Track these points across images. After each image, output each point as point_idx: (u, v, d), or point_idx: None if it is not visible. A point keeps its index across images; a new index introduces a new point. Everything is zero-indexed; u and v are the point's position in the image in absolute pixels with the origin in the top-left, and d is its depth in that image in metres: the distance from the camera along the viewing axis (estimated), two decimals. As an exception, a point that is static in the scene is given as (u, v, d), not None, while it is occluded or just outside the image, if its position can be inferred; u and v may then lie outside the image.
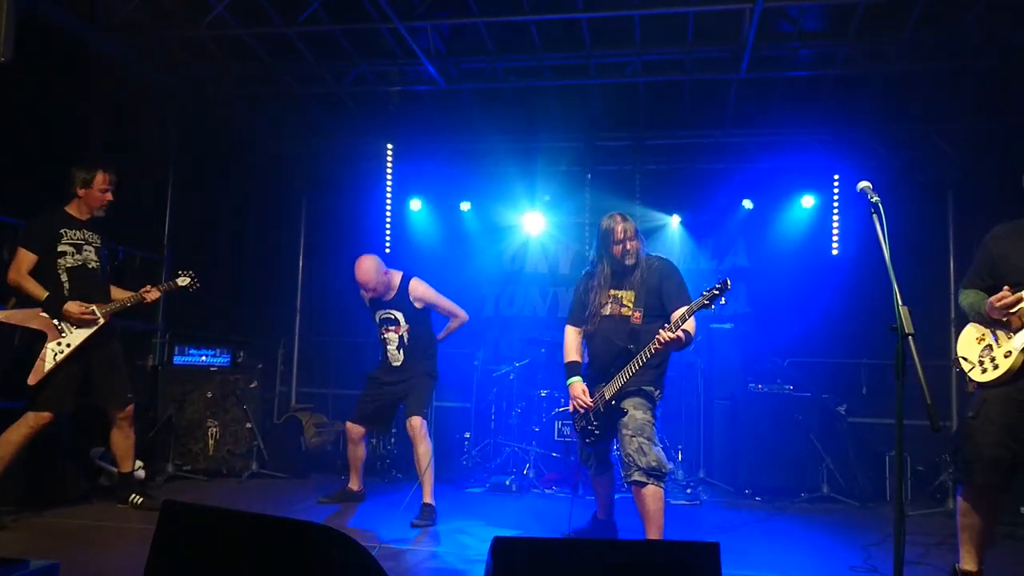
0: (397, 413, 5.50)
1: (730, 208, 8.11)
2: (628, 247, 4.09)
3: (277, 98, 7.44)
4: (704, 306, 3.61)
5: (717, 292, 3.57)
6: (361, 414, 5.42)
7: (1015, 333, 3.27)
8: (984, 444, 3.26)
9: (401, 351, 5.28)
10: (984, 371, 3.37)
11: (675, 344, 3.72)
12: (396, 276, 5.30)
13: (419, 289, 5.26)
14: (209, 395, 6.62)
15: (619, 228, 4.09)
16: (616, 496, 4.63)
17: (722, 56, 6.37)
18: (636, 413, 3.88)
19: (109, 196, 4.84)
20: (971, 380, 3.46)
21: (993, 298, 3.29)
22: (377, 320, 5.34)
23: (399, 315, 5.26)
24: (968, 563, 3.36)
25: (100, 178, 4.80)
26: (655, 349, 3.75)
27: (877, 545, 4.69)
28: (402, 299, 5.25)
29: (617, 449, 4.00)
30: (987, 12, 5.49)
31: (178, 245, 7.16)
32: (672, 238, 8.28)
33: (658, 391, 4.05)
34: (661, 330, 3.71)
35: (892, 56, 6.15)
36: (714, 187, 8.12)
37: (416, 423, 5.10)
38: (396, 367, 5.30)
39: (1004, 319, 3.28)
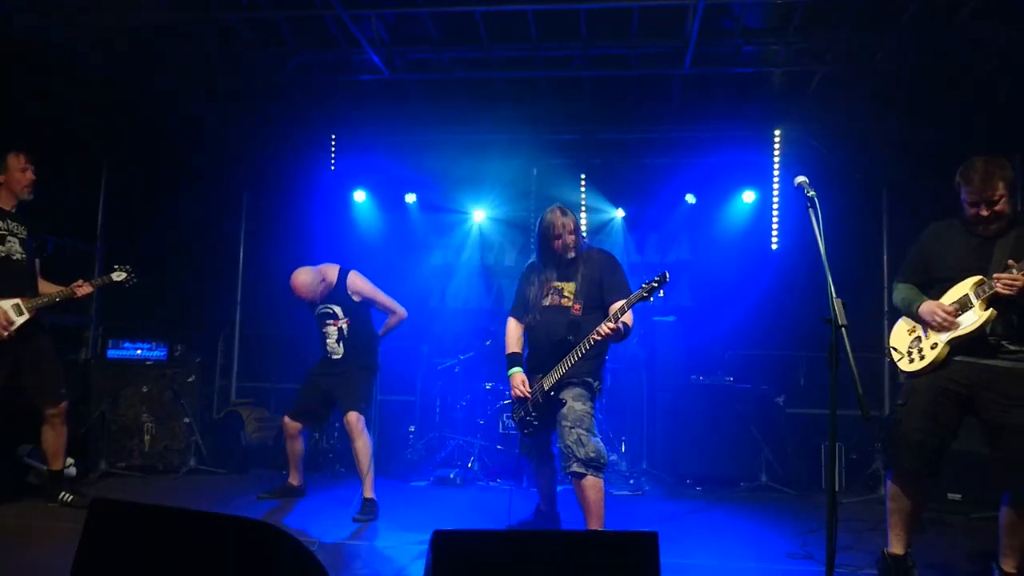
0: (334, 408, 5.45)
1: (674, 203, 8.22)
2: (568, 241, 4.11)
3: (216, 86, 7.25)
4: (643, 298, 3.64)
5: (656, 285, 3.60)
6: (298, 409, 5.35)
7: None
8: (911, 430, 3.37)
9: (341, 343, 5.22)
10: (911, 361, 3.50)
11: (614, 336, 3.75)
12: (333, 271, 5.24)
13: (357, 283, 5.22)
14: (145, 390, 6.45)
15: (558, 223, 4.12)
16: (559, 488, 4.66)
17: (666, 51, 6.42)
18: (575, 404, 3.89)
19: (30, 175, 4.70)
20: (900, 371, 3.59)
21: (936, 308, 3.40)
22: (316, 315, 5.29)
23: (337, 309, 5.21)
24: (896, 547, 3.47)
25: (13, 160, 4.65)
26: (594, 341, 3.78)
27: (813, 532, 4.80)
28: (340, 293, 5.20)
29: (558, 441, 4.02)
30: (921, 15, 5.65)
31: (112, 236, 6.95)
32: (617, 232, 8.35)
33: (597, 382, 4.08)
34: (601, 326, 3.73)
35: (831, 55, 6.29)
36: (659, 182, 8.21)
37: (352, 418, 5.05)
38: (336, 360, 5.24)
39: (935, 325, 3.41)
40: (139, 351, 6.61)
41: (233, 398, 8.35)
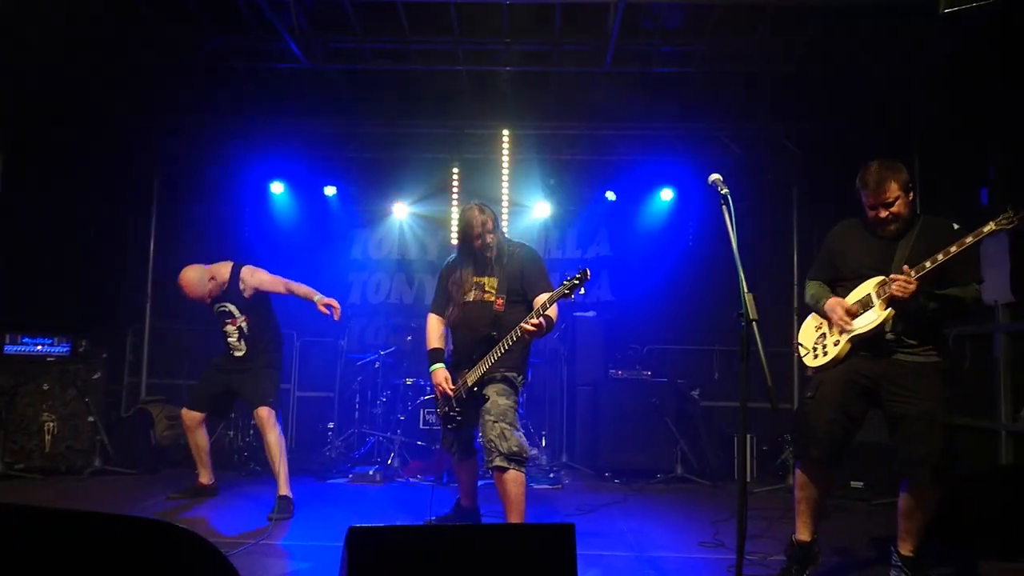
0: (237, 403, 5.31)
1: (594, 199, 8.32)
2: (488, 240, 4.08)
3: (126, 70, 6.92)
4: (564, 296, 3.66)
5: (577, 282, 3.62)
6: (197, 399, 5.22)
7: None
8: (819, 421, 3.50)
9: (242, 341, 5.11)
10: (816, 357, 3.65)
11: (537, 332, 3.77)
12: (224, 269, 5.09)
13: (249, 279, 5.06)
14: (45, 387, 6.14)
15: (477, 221, 4.06)
16: (480, 483, 4.65)
17: (588, 49, 6.49)
18: (499, 399, 3.90)
19: None
20: (808, 366, 3.73)
21: (839, 307, 3.53)
22: (215, 313, 5.15)
23: (233, 308, 5.08)
24: (803, 533, 3.60)
25: None
26: (517, 336, 3.79)
27: (725, 521, 4.94)
28: (233, 291, 5.05)
29: (480, 435, 4.02)
30: (828, 21, 5.87)
31: (11, 226, 6.56)
32: (538, 227, 8.40)
33: (521, 377, 4.09)
34: (524, 322, 3.74)
35: (744, 57, 6.46)
36: (579, 178, 8.31)
37: (263, 413, 4.94)
38: (239, 356, 5.13)
39: (834, 322, 3.55)
40: (40, 347, 6.29)
41: (143, 395, 8.04)
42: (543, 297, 3.84)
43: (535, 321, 3.71)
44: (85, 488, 5.72)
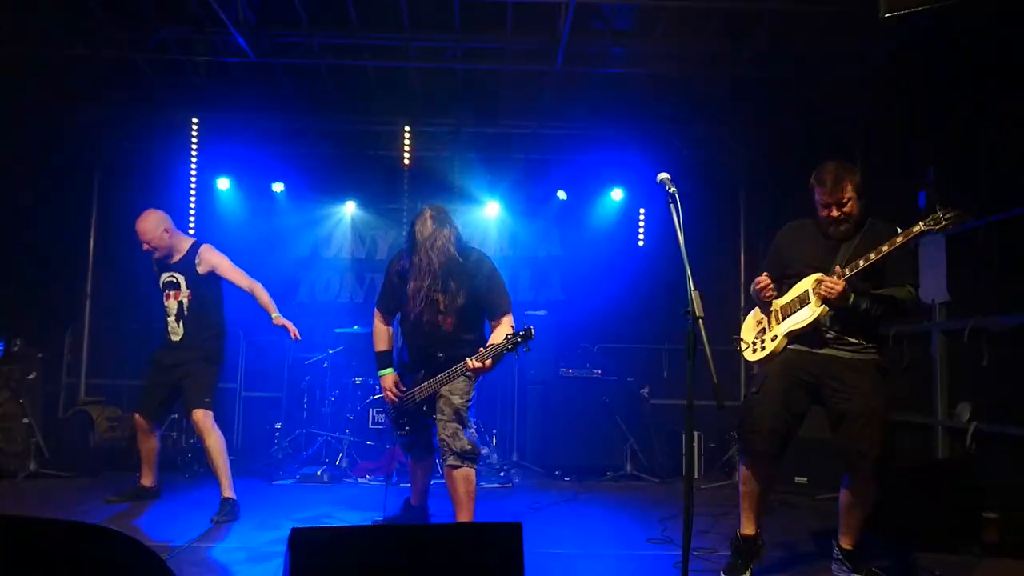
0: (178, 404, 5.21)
1: (545, 198, 8.33)
2: (436, 261, 3.90)
3: (65, 62, 6.70)
4: (507, 350, 3.74)
5: (520, 340, 3.71)
6: (148, 402, 5.08)
7: (784, 319, 3.61)
8: (763, 416, 3.56)
9: (180, 323, 4.98)
10: (755, 351, 3.73)
11: (480, 372, 3.82)
12: (185, 241, 5.09)
13: (207, 256, 5.00)
14: (-23, 388, 5.93)
15: (427, 232, 3.92)
16: (431, 482, 4.63)
17: (539, 48, 6.50)
18: (452, 399, 3.90)
19: None
20: (748, 360, 3.81)
21: (754, 281, 3.65)
22: (160, 284, 5.05)
23: (180, 278, 4.98)
24: (747, 527, 3.66)
25: None
26: (460, 372, 3.85)
27: (673, 518, 4.98)
28: (187, 262, 4.98)
29: (436, 434, 4.00)
30: (779, 25, 5.98)
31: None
32: (489, 227, 8.37)
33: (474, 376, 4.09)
34: (469, 359, 3.77)
35: (693, 60, 6.54)
36: (531, 177, 8.30)
37: (199, 416, 4.83)
38: (176, 342, 5.00)
39: (764, 300, 3.63)
40: (-29, 346, 6.07)
41: (82, 396, 7.80)
42: (496, 333, 3.88)
43: (477, 365, 3.76)
44: (19, 492, 5.53)
